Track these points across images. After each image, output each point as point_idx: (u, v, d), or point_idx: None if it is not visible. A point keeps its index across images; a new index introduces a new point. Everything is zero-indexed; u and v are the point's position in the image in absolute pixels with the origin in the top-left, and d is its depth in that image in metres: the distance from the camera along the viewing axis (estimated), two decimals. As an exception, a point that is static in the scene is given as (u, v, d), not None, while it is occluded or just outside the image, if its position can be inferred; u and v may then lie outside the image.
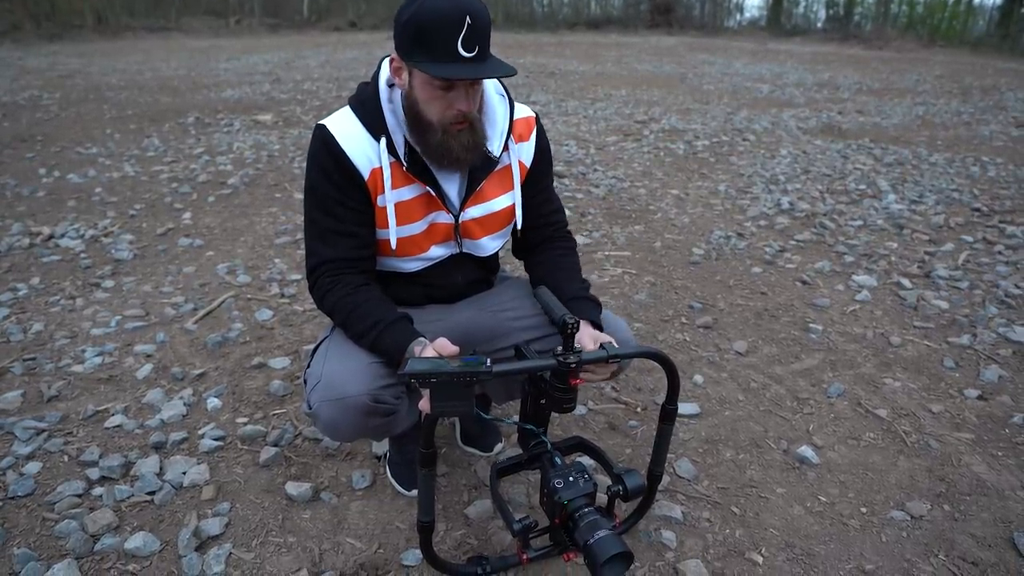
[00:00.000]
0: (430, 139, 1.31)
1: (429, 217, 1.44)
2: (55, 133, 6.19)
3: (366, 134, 1.35)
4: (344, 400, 1.30)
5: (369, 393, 1.31)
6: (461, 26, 1.16)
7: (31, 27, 18.99)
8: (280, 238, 3.60)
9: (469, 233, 1.49)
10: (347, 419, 1.33)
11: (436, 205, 1.43)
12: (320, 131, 1.36)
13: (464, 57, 1.19)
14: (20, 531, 1.59)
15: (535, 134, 1.52)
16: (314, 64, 12.54)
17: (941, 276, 3.16)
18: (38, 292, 2.92)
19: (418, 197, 1.41)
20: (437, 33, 1.17)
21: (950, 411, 2.15)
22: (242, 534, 1.60)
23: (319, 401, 1.32)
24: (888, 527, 1.65)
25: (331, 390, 1.32)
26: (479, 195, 1.45)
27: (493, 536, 1.60)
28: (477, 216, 1.47)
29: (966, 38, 21.67)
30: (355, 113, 1.37)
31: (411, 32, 1.19)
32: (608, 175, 4.94)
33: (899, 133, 6.71)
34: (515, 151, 1.47)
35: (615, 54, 15.52)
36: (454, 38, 1.17)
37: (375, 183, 1.37)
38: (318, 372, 1.37)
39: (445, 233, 1.47)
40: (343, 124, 1.36)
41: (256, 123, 6.77)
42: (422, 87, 1.26)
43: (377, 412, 1.34)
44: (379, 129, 1.34)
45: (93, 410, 2.06)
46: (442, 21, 1.16)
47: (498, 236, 1.55)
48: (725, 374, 2.35)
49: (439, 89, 1.25)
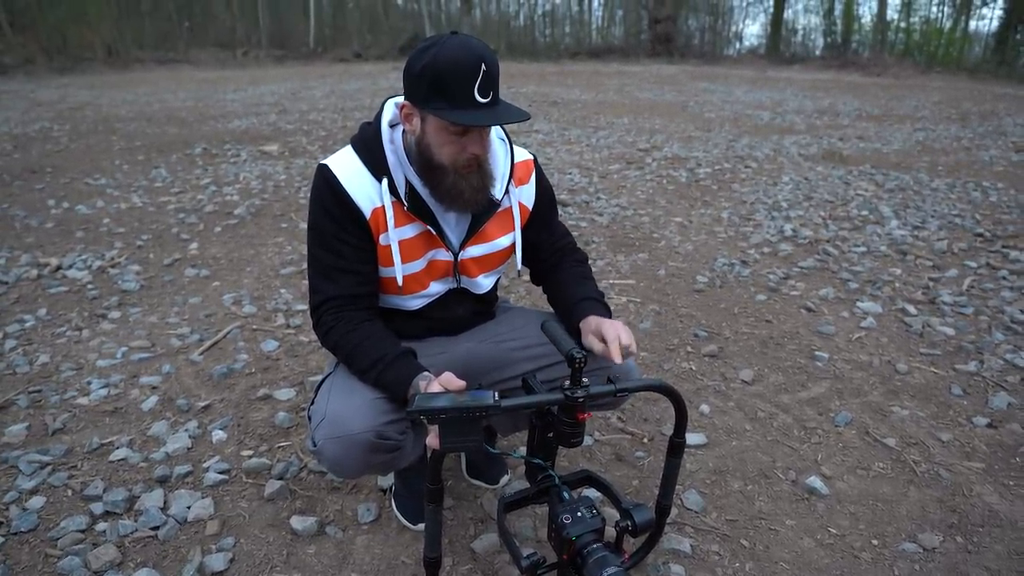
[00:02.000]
0: (443, 181, 1.34)
1: (428, 255, 1.47)
2: (64, 164, 6.27)
3: (368, 174, 1.38)
4: (348, 437, 1.30)
5: (373, 430, 1.31)
6: (477, 73, 1.20)
7: (43, 60, 19.35)
8: (286, 268, 3.62)
9: (466, 271, 1.52)
10: (351, 456, 1.33)
11: (436, 243, 1.46)
12: (323, 171, 1.39)
13: (480, 103, 1.23)
14: (23, 568, 1.58)
15: (534, 176, 1.56)
16: (319, 95, 12.73)
17: (946, 302, 3.15)
18: (45, 323, 2.94)
19: (419, 235, 1.44)
20: (455, 81, 1.20)
21: (959, 439, 2.13)
22: (247, 570, 1.59)
23: (324, 439, 1.32)
24: (900, 560, 1.63)
25: (335, 427, 1.32)
26: (481, 235, 1.49)
27: (500, 570, 1.59)
28: (476, 255, 1.51)
29: (963, 64, 21.88)
30: (357, 153, 1.39)
31: (428, 80, 1.22)
32: (611, 203, 4.97)
33: (900, 159, 6.75)
34: (515, 194, 1.51)
35: (617, 82, 15.72)
36: (471, 85, 1.20)
37: (377, 222, 1.40)
38: (322, 409, 1.37)
39: (444, 269, 1.50)
40: (345, 164, 1.39)
41: (262, 153, 6.85)
42: (436, 132, 1.29)
43: (381, 448, 1.34)
44: (381, 170, 1.37)
45: (98, 443, 2.06)
46: (459, 69, 1.20)
47: (493, 273, 1.60)
48: (732, 403, 2.33)
49: (454, 135, 1.28)
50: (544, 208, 1.60)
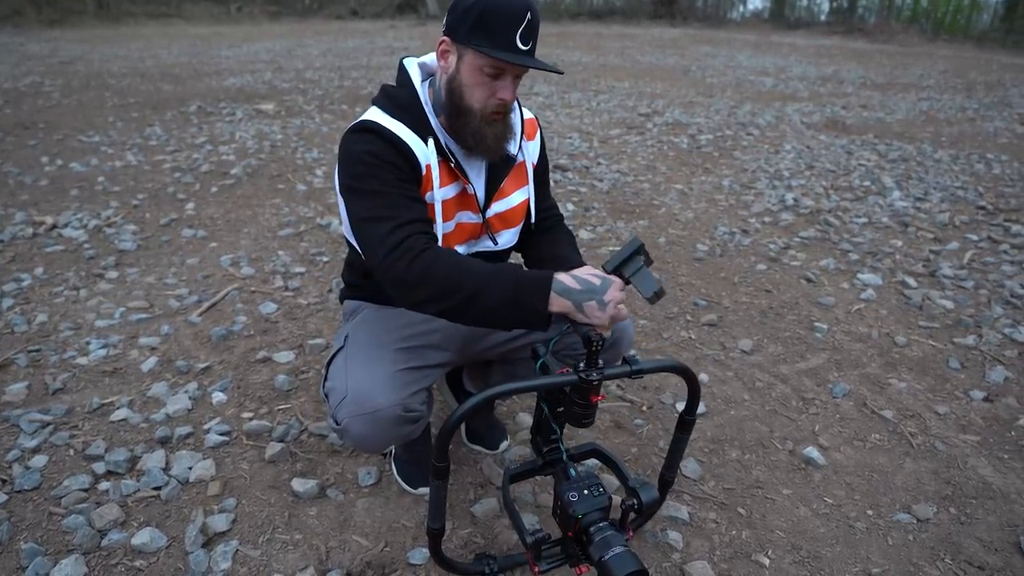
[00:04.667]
0: (467, 124, 1.32)
1: (456, 217, 1.44)
2: (57, 120, 6.15)
3: (412, 134, 1.33)
4: (374, 413, 1.30)
5: (400, 403, 1.32)
6: (522, 19, 1.22)
7: (32, 12, 18.85)
8: (283, 230, 3.59)
9: (494, 229, 1.51)
10: (378, 431, 1.33)
11: (467, 203, 1.44)
12: (371, 125, 1.31)
13: (520, 49, 1.24)
14: (27, 525, 1.59)
15: (538, 133, 1.59)
16: (315, 52, 12.47)
17: (946, 275, 3.15)
18: (42, 282, 2.91)
19: (455, 196, 1.41)
20: (501, 20, 1.21)
21: (956, 413, 2.14)
22: (248, 530, 1.60)
23: (348, 416, 1.32)
24: (894, 530, 1.65)
25: (359, 404, 1.31)
26: (501, 191, 1.49)
27: (499, 535, 1.61)
28: (500, 211, 1.50)
29: (970, 32, 21.54)
30: (394, 115, 1.34)
31: (474, 17, 1.22)
32: (612, 169, 4.92)
33: (903, 129, 6.68)
34: (526, 149, 1.53)
35: (618, 45, 15.43)
36: (514, 29, 1.22)
37: (428, 179, 1.36)
38: (342, 387, 1.34)
39: (470, 231, 1.48)
40: (389, 122, 1.33)
41: (258, 112, 6.74)
42: (471, 72, 1.27)
43: (407, 421, 1.35)
44: (426, 130, 1.34)
45: (98, 403, 2.06)
46: (506, 11, 1.21)
47: (515, 230, 1.58)
48: (731, 373, 2.34)
49: (487, 76, 1.27)
50: (543, 168, 1.62)
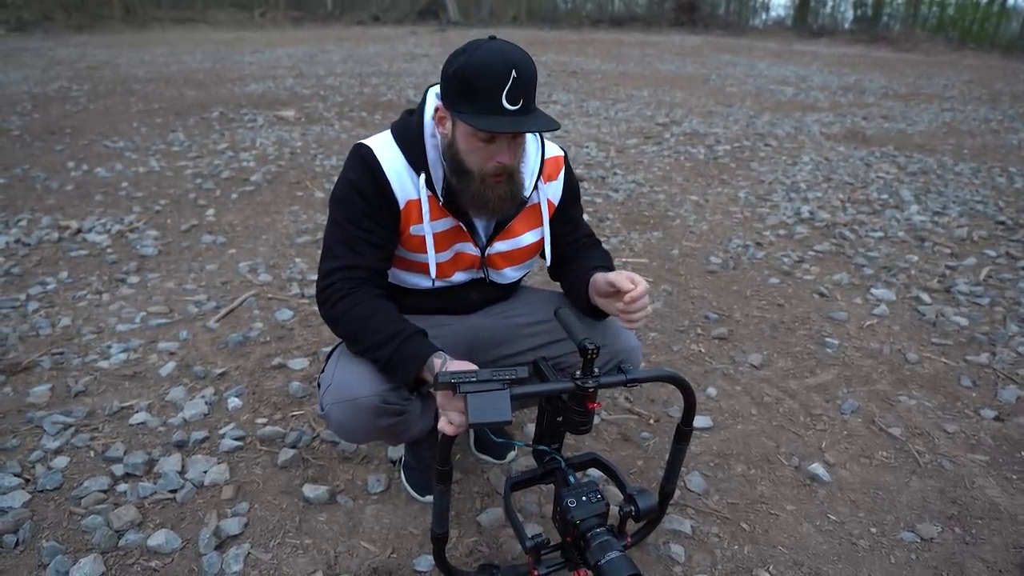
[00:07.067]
0: (468, 187, 1.34)
1: (455, 247, 1.48)
2: (83, 126, 6.30)
3: (407, 165, 1.39)
4: (353, 401, 1.35)
5: (379, 394, 1.35)
6: (506, 79, 1.19)
7: (62, 17, 19.32)
8: (301, 237, 3.66)
9: (493, 264, 1.54)
10: (357, 420, 1.37)
11: (464, 237, 1.48)
12: (365, 153, 1.39)
13: (508, 110, 1.21)
14: (48, 524, 1.65)
15: (563, 173, 1.56)
16: (337, 59, 12.63)
17: (962, 291, 3.13)
18: (66, 286, 3.00)
19: (449, 229, 1.45)
20: (482, 86, 1.20)
21: (965, 431, 2.14)
22: (260, 534, 1.65)
23: (330, 403, 1.38)
24: (898, 549, 1.66)
25: (340, 392, 1.37)
26: (507, 232, 1.50)
27: (504, 544, 1.63)
28: (503, 250, 1.53)
29: (998, 41, 21.24)
30: (397, 142, 1.40)
31: (457, 83, 1.22)
32: (628, 179, 4.94)
33: (924, 140, 6.62)
34: (543, 190, 1.51)
35: (638, 53, 15.44)
36: (499, 91, 1.19)
37: (409, 214, 1.41)
38: (330, 376, 1.42)
39: (470, 262, 1.52)
40: (386, 151, 1.39)
41: (279, 119, 6.85)
42: (464, 138, 1.29)
43: (387, 412, 1.38)
44: (420, 164, 1.38)
45: (118, 406, 2.12)
46: (488, 74, 1.19)
47: (521, 267, 1.61)
48: (739, 387, 2.35)
49: (481, 141, 1.27)
50: (569, 205, 1.60)
